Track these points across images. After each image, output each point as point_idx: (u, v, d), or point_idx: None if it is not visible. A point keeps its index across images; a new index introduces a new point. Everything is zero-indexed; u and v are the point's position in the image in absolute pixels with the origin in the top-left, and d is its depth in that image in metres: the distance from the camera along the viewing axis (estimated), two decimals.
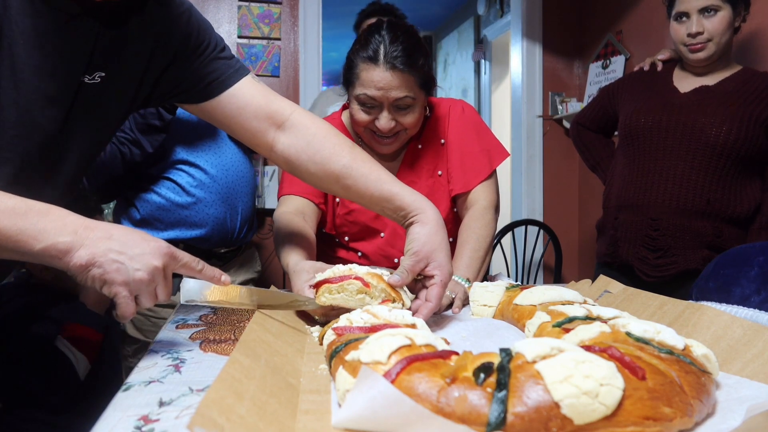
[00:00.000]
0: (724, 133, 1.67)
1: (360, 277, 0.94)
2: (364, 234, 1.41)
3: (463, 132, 1.43)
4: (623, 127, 1.88)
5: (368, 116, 1.30)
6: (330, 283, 0.93)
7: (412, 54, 1.25)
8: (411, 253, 0.97)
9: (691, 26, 1.72)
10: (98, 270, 0.70)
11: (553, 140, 3.56)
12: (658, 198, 1.75)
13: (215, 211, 1.71)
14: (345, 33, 6.41)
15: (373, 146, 1.38)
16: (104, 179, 1.66)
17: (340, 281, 0.93)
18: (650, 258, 1.76)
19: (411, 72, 1.25)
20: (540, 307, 0.88)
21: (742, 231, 1.71)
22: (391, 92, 1.25)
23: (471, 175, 1.40)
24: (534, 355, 0.53)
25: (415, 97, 1.28)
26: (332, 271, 0.96)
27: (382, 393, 0.49)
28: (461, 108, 1.46)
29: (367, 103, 1.28)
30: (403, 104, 1.28)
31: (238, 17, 3.06)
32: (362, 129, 1.34)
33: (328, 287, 0.93)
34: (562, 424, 0.48)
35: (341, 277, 0.94)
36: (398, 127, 1.31)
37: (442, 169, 1.42)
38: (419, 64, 1.26)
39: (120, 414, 0.57)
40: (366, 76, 1.26)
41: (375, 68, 1.25)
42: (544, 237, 3.26)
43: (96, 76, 0.87)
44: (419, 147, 1.43)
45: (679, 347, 0.61)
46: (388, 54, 1.24)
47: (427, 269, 0.97)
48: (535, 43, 3.52)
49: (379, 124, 1.29)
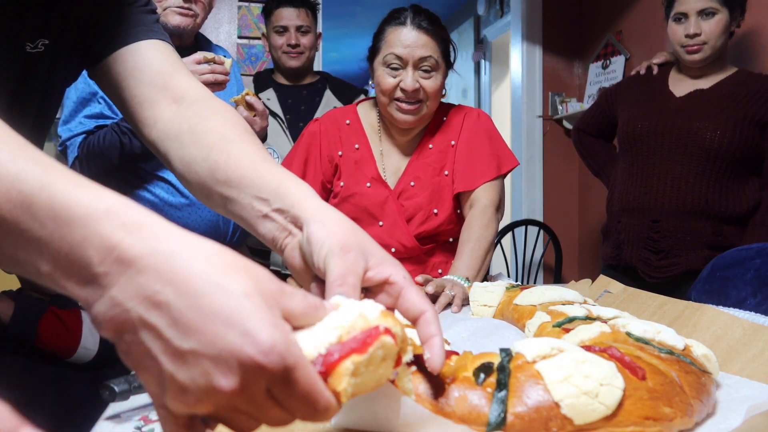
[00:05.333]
0: (719, 136, 1.70)
1: (388, 329, 0.46)
2: (361, 222, 1.42)
3: (475, 135, 1.48)
4: (622, 132, 1.92)
5: (394, 79, 1.39)
6: (356, 353, 0.41)
7: (435, 22, 1.41)
8: (336, 251, 0.53)
9: (689, 27, 1.74)
10: (125, 353, 0.38)
11: (553, 140, 3.56)
12: (658, 200, 1.78)
13: (208, 214, 1.70)
14: (345, 33, 6.42)
15: (395, 119, 1.44)
16: (98, 169, 1.60)
17: (365, 345, 0.42)
18: (653, 260, 1.79)
19: (434, 36, 1.39)
20: (540, 307, 0.88)
21: (742, 229, 1.73)
22: (416, 50, 1.37)
23: (476, 174, 1.44)
24: (534, 355, 0.53)
25: (437, 60, 1.40)
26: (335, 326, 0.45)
27: (383, 393, 0.49)
28: (477, 114, 1.53)
29: (393, 64, 1.39)
30: (427, 65, 1.39)
31: (238, 17, 3.06)
32: (387, 100, 1.42)
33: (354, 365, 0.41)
34: (562, 424, 0.48)
35: (365, 337, 0.42)
36: (421, 94, 1.40)
37: (449, 169, 1.47)
38: (441, 32, 1.41)
39: (121, 414, 0.57)
40: (393, 37, 1.39)
41: (402, 28, 1.39)
42: (544, 237, 3.27)
43: (39, 44, 0.74)
44: (430, 147, 1.47)
45: (679, 347, 0.61)
46: (414, 18, 1.39)
47: (370, 270, 0.54)
48: (535, 44, 3.52)
49: (405, 84, 1.38)
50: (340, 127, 1.53)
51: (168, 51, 0.82)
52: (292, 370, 0.36)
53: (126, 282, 0.36)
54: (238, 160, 0.64)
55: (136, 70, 0.79)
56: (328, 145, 1.51)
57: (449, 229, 1.47)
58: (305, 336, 0.40)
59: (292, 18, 2.15)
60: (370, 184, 1.47)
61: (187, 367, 0.35)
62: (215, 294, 0.35)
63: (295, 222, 0.58)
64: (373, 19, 4.61)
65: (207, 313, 0.35)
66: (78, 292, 0.37)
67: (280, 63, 2.20)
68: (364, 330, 0.41)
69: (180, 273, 0.36)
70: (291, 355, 0.36)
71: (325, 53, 3.99)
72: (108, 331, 0.37)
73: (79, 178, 0.39)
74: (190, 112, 0.74)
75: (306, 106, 2.19)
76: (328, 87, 2.26)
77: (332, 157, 1.51)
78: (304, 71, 2.23)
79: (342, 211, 1.40)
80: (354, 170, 1.49)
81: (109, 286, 0.36)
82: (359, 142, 1.51)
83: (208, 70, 1.48)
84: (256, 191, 0.60)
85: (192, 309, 0.35)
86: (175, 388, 0.36)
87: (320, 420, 0.39)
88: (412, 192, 1.47)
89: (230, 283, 0.36)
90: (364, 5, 5.44)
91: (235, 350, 0.34)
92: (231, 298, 0.35)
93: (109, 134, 1.55)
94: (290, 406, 0.38)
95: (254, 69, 3.05)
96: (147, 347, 0.36)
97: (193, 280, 0.36)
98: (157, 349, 0.36)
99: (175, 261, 0.36)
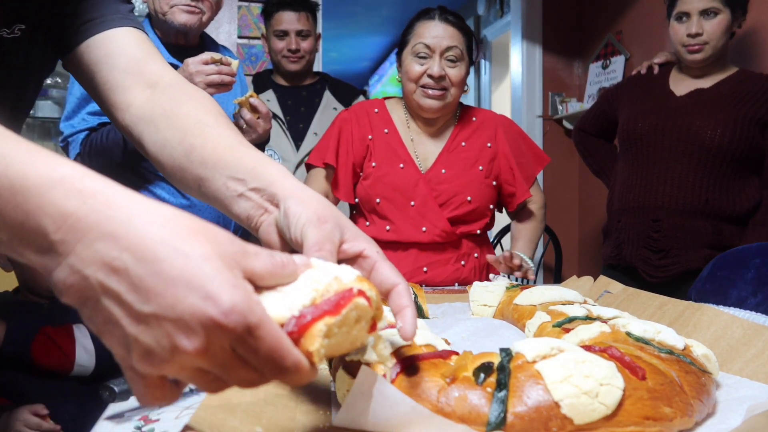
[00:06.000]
0: (719, 135, 1.70)
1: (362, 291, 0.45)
2: (393, 201, 1.52)
3: (514, 144, 1.62)
4: (622, 132, 1.92)
5: (422, 67, 1.51)
6: (329, 315, 0.41)
7: (460, 18, 1.56)
8: (313, 221, 0.55)
9: (690, 27, 1.74)
10: (88, 319, 0.38)
11: (553, 140, 3.56)
12: (658, 200, 1.78)
13: (209, 216, 1.70)
14: (345, 33, 6.42)
15: (421, 106, 1.54)
16: (100, 166, 1.60)
17: (339, 306, 0.42)
18: (653, 259, 1.79)
19: (459, 29, 1.53)
20: (540, 307, 0.88)
21: (742, 229, 1.73)
22: (443, 40, 1.49)
23: (526, 185, 1.61)
24: (534, 355, 0.53)
25: (462, 51, 1.52)
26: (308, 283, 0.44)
27: (382, 393, 0.49)
28: (507, 122, 1.67)
29: (421, 53, 1.50)
30: (452, 55, 1.50)
31: (238, 17, 3.06)
32: (414, 87, 1.52)
33: (326, 326, 0.41)
34: (562, 423, 0.48)
35: (338, 299, 0.42)
36: (446, 82, 1.51)
37: (484, 165, 1.58)
38: (466, 27, 1.56)
39: (121, 414, 0.57)
40: (422, 29, 1.52)
41: (431, 21, 1.52)
42: (544, 237, 3.26)
43: (16, 29, 0.73)
44: (463, 144, 1.59)
45: (679, 347, 0.61)
46: (442, 14, 1.54)
47: (345, 243, 0.56)
48: (535, 44, 3.52)
49: (432, 71, 1.49)
50: (370, 114, 1.62)
51: (142, 38, 0.82)
52: (255, 328, 0.37)
53: (83, 249, 0.36)
54: (214, 142, 0.65)
55: (109, 56, 0.79)
56: (360, 129, 1.58)
57: (480, 220, 1.57)
58: (280, 297, 0.41)
59: (292, 22, 2.14)
60: (403, 165, 1.55)
61: (150, 330, 0.36)
62: (174, 258, 0.36)
63: (271, 200, 0.59)
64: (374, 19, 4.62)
65: (167, 278, 0.35)
66: (36, 259, 0.38)
67: (279, 66, 2.20)
68: (338, 292, 0.42)
69: (137, 239, 0.36)
70: (253, 314, 0.36)
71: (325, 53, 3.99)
72: (70, 298, 0.38)
73: (36, 148, 0.39)
74: (165, 96, 0.74)
75: (306, 107, 2.19)
76: (328, 88, 2.25)
77: (363, 139, 1.58)
78: (304, 73, 2.23)
79: (374, 191, 1.51)
80: (386, 152, 1.56)
81: (66, 254, 0.36)
82: (388, 128, 1.59)
83: (215, 71, 1.48)
84: (232, 172, 0.62)
85: (151, 274, 0.35)
86: (140, 350, 0.36)
87: (294, 381, 0.40)
88: (443, 178, 1.55)
89: (189, 247, 0.37)
90: (364, 5, 5.44)
91: (197, 312, 0.35)
92: (190, 262, 0.36)
93: (112, 132, 1.54)
94: (257, 364, 0.38)
95: (254, 69, 3.05)
96: (109, 312, 0.36)
97: (151, 245, 0.36)
98: (119, 314, 0.36)
99: (132, 227, 0.36)
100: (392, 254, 1.53)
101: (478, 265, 1.58)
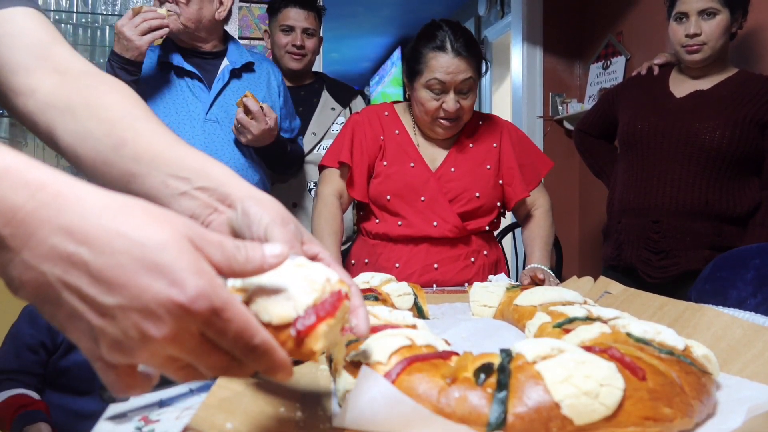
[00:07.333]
0: (719, 137, 1.70)
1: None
2: (403, 197, 1.54)
3: (517, 146, 1.65)
4: (622, 133, 1.92)
5: (437, 102, 1.51)
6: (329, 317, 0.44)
7: (471, 43, 1.51)
8: (278, 222, 0.56)
9: (689, 27, 1.74)
10: (50, 316, 0.38)
11: (553, 141, 3.56)
12: (658, 201, 1.78)
13: None
14: (345, 34, 6.42)
15: (435, 131, 1.58)
16: None
17: (334, 309, 0.45)
18: (653, 260, 1.79)
19: (471, 57, 1.50)
20: (540, 307, 0.88)
21: (742, 230, 1.73)
22: (458, 75, 1.48)
23: (530, 186, 1.65)
24: (534, 356, 0.53)
25: (474, 79, 1.52)
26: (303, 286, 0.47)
27: (383, 393, 0.49)
28: (512, 126, 1.70)
29: (435, 88, 1.50)
30: (465, 87, 1.50)
31: (238, 18, 3.06)
32: (429, 119, 1.54)
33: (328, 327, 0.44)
34: (562, 424, 0.48)
35: (333, 301, 0.45)
36: (460, 111, 1.52)
37: (492, 164, 1.61)
38: (477, 51, 1.53)
39: (121, 414, 0.57)
40: (435, 63, 1.48)
41: (444, 55, 1.48)
42: None
43: None
44: (470, 146, 1.61)
45: (680, 348, 0.61)
46: (453, 43, 1.48)
47: (304, 245, 0.58)
48: (536, 44, 3.52)
49: (447, 107, 1.50)
50: (380, 116, 1.64)
51: (45, 22, 0.76)
52: (221, 310, 0.37)
53: (37, 244, 0.35)
54: (149, 138, 0.63)
55: (8, 36, 0.72)
56: (372, 130, 1.61)
57: (489, 217, 1.60)
58: (283, 297, 0.42)
59: (299, 19, 2.15)
60: (413, 164, 1.57)
61: (116, 322, 0.35)
62: (132, 249, 0.35)
63: (223, 200, 0.58)
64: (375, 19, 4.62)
65: (128, 269, 0.35)
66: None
67: (281, 63, 2.20)
68: (332, 293, 0.45)
69: (92, 231, 0.35)
70: (218, 297, 0.37)
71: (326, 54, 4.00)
72: (26, 294, 0.36)
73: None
74: (81, 84, 0.70)
75: (304, 107, 2.19)
76: (326, 88, 2.26)
77: (376, 139, 1.60)
78: (303, 73, 2.23)
79: (385, 187, 1.56)
80: (397, 151, 1.59)
81: (18, 249, 0.35)
82: (399, 129, 1.63)
83: (141, 20, 1.56)
84: (173, 170, 0.60)
85: (112, 266, 0.35)
86: (108, 341, 0.36)
87: (267, 365, 0.40)
88: (452, 176, 1.58)
89: (147, 237, 0.36)
90: (366, 5, 5.44)
91: (162, 300, 0.35)
92: (149, 251, 0.35)
93: None
94: (228, 347, 0.38)
95: None
96: (72, 307, 0.36)
97: (108, 236, 0.35)
98: (83, 308, 0.35)
99: (86, 220, 0.35)
100: (404, 249, 1.54)
101: (487, 262, 1.60)
